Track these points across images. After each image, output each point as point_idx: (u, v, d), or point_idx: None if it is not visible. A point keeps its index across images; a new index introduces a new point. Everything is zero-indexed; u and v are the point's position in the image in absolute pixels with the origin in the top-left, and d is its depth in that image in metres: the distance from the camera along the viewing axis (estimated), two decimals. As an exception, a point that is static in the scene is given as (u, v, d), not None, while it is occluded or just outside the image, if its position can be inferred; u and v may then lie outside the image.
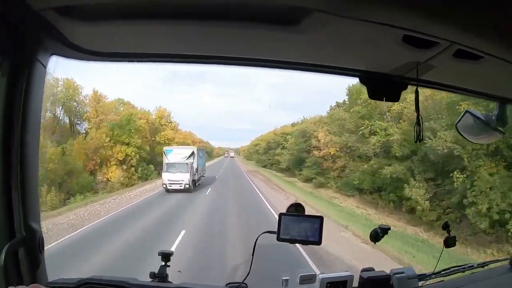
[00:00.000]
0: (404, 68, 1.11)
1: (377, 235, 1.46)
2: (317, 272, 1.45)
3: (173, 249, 7.59)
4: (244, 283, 1.43)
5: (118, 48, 1.14)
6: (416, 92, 1.16)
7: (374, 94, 1.22)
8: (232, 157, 73.71)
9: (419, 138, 1.12)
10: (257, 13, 0.86)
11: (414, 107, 1.18)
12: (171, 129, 33.44)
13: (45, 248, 1.14)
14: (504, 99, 1.40)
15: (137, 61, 1.20)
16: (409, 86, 1.25)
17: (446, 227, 1.53)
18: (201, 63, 1.15)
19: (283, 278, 1.42)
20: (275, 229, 1.28)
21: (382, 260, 8.30)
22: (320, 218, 1.28)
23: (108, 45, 1.11)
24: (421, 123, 1.12)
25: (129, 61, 1.21)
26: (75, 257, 7.37)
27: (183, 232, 9.82)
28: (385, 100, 1.23)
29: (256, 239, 1.40)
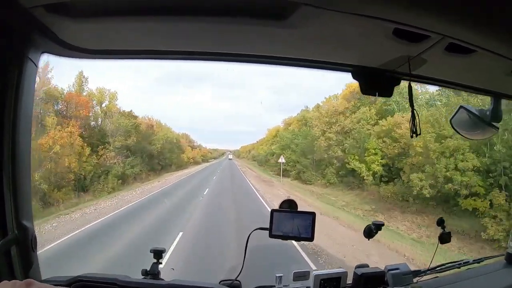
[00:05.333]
0: (396, 63, 1.11)
1: (371, 231, 1.46)
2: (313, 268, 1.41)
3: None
4: (237, 280, 1.43)
5: (110, 46, 1.14)
6: (409, 87, 1.16)
7: (367, 89, 1.22)
8: (230, 159, 63.31)
9: (415, 133, 1.12)
10: (245, 8, 0.85)
11: (409, 102, 1.17)
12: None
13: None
14: (498, 93, 1.39)
15: (129, 59, 1.20)
16: (402, 82, 1.25)
17: (440, 223, 1.53)
18: (192, 60, 1.15)
19: (277, 275, 1.42)
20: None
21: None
22: (312, 214, 1.28)
23: (100, 42, 1.11)
24: (416, 118, 1.11)
25: (121, 59, 1.21)
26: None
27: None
28: (378, 95, 1.23)
29: (248, 236, 1.40)
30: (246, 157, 64.52)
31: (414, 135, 1.11)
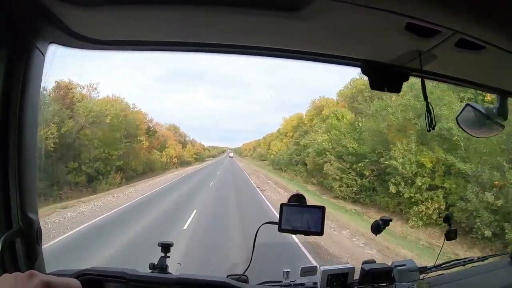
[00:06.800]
0: (407, 58, 1.10)
1: (378, 226, 1.46)
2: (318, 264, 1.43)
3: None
4: (245, 275, 1.42)
5: (118, 36, 1.12)
6: (422, 82, 1.15)
7: (376, 84, 1.22)
8: (231, 157, 61.82)
9: (431, 126, 1.10)
10: None
11: (422, 96, 1.16)
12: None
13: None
14: (505, 91, 1.40)
15: (138, 50, 1.19)
16: (410, 78, 1.25)
17: (447, 220, 1.53)
18: (199, 51, 1.14)
19: (284, 270, 1.41)
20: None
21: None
22: (322, 208, 1.27)
23: (108, 33, 1.10)
24: (431, 111, 1.10)
25: (129, 50, 1.19)
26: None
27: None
28: (387, 91, 1.22)
29: (257, 231, 1.39)
30: (250, 156, 55.45)
31: (430, 129, 1.10)
